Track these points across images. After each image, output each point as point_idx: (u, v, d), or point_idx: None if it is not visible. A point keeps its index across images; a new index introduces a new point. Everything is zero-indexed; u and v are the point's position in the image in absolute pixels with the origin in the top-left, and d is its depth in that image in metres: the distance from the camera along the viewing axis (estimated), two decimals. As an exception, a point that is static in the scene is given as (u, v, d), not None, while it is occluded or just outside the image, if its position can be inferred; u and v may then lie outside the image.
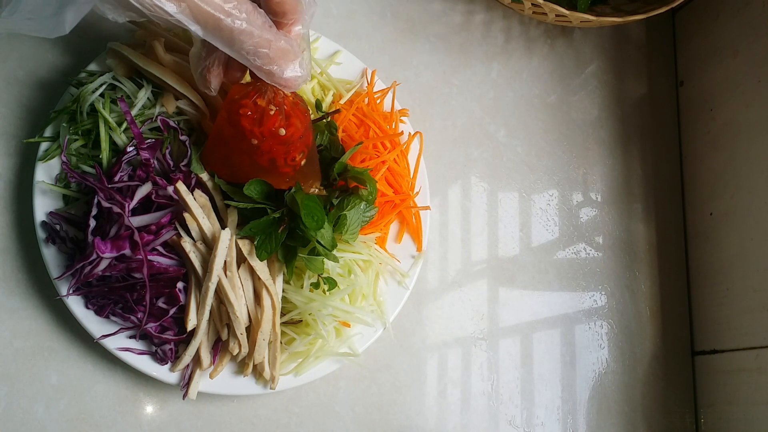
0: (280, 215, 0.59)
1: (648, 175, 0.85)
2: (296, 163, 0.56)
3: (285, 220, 0.59)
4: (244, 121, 0.54)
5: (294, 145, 0.55)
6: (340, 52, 0.72)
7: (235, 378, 0.62)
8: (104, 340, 0.59)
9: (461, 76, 0.81)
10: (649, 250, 0.83)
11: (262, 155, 0.55)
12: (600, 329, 0.78)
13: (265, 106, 0.54)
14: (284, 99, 0.55)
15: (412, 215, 0.69)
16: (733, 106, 0.79)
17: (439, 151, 0.78)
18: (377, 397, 0.70)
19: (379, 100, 0.71)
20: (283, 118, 0.54)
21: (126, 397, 0.64)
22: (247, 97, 0.54)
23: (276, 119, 0.54)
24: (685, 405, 0.79)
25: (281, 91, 0.54)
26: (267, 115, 0.54)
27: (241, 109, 0.54)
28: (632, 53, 0.89)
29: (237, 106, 0.54)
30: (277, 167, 0.56)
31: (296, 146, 0.56)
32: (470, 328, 0.74)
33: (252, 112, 0.54)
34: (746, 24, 0.78)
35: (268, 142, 0.54)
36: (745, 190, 0.76)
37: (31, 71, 0.68)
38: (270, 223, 0.59)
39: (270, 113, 0.54)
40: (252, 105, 0.54)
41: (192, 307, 0.59)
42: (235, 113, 0.54)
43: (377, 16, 0.80)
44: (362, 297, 0.64)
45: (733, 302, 0.75)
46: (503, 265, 0.77)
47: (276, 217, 0.59)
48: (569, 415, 0.75)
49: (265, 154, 0.55)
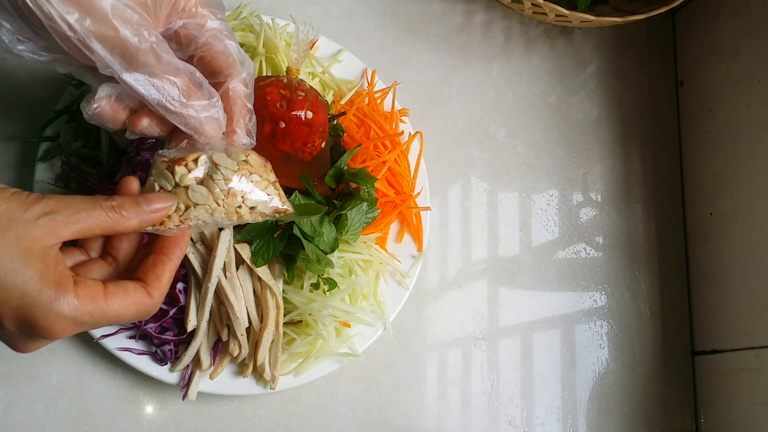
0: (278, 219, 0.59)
1: (648, 175, 0.85)
2: (316, 147, 0.59)
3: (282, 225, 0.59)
4: (271, 106, 0.56)
5: (316, 128, 0.58)
6: (343, 52, 0.72)
7: (235, 378, 0.62)
8: (104, 340, 0.59)
9: (461, 76, 0.81)
10: (649, 250, 0.83)
11: (284, 139, 0.57)
12: (600, 329, 0.78)
13: (293, 92, 0.57)
14: (309, 89, 0.58)
15: (413, 215, 0.69)
16: (733, 106, 0.79)
17: (439, 151, 0.78)
18: (377, 397, 0.70)
19: (379, 100, 0.71)
20: (310, 104, 0.57)
21: (126, 397, 0.64)
22: (271, 86, 0.57)
23: (304, 103, 0.57)
24: (685, 405, 0.79)
25: (305, 81, 0.59)
26: (295, 100, 0.57)
27: (268, 96, 0.56)
28: (632, 53, 0.89)
29: (262, 93, 0.57)
30: (296, 152, 0.58)
31: (317, 130, 0.59)
32: (470, 328, 0.74)
33: (279, 97, 0.57)
34: (746, 24, 0.78)
35: (294, 124, 0.57)
36: (745, 190, 0.76)
37: (31, 71, 0.68)
38: (267, 227, 0.59)
39: (298, 98, 0.57)
40: (278, 92, 0.57)
41: (192, 307, 0.59)
42: (261, 99, 0.56)
43: (377, 16, 0.80)
44: (362, 297, 0.64)
45: (733, 302, 0.76)
46: (503, 265, 0.77)
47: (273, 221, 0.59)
48: (569, 415, 0.75)
49: (288, 138, 0.57)
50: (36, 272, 0.38)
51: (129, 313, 0.42)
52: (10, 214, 0.38)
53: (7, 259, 0.37)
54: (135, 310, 0.42)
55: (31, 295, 0.38)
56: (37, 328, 0.39)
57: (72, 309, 0.39)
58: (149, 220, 0.43)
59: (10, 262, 0.37)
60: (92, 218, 0.41)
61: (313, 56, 0.70)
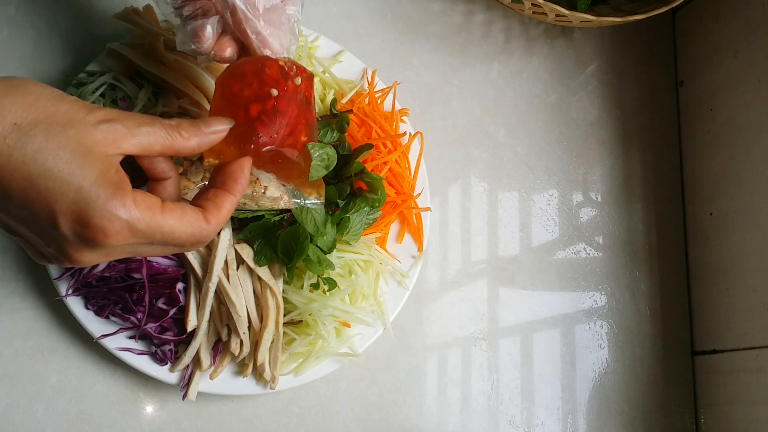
0: (280, 219, 0.59)
1: (648, 175, 0.85)
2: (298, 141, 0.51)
3: (284, 225, 0.59)
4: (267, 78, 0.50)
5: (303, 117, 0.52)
6: (344, 52, 0.72)
7: (235, 378, 0.62)
8: (104, 340, 0.59)
9: (461, 75, 0.81)
10: (649, 250, 0.83)
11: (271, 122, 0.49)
12: (600, 329, 0.78)
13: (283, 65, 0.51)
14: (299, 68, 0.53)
15: (413, 215, 0.69)
16: (733, 106, 0.79)
17: (439, 151, 0.78)
18: (377, 397, 0.70)
19: (379, 100, 0.71)
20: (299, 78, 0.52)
21: (126, 397, 0.64)
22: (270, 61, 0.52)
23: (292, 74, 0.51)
24: (685, 405, 0.79)
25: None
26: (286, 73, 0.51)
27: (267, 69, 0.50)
28: (632, 53, 0.89)
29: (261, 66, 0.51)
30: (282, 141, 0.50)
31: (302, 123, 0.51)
32: (470, 328, 0.74)
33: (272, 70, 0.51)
34: (746, 24, 0.78)
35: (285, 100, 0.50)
36: (745, 190, 0.76)
37: (32, 71, 0.68)
38: (269, 227, 0.59)
39: (290, 72, 0.51)
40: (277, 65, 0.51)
41: (192, 307, 0.59)
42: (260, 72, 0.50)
43: (377, 16, 0.80)
44: (363, 297, 0.64)
45: (733, 302, 0.76)
46: (503, 265, 0.77)
47: (276, 220, 0.59)
48: (569, 415, 0.75)
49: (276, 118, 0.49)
50: (95, 171, 0.38)
51: (184, 232, 0.41)
52: (72, 114, 0.38)
53: (66, 152, 0.37)
54: (190, 230, 0.42)
55: (88, 190, 0.37)
56: (91, 228, 0.37)
57: (128, 212, 0.38)
58: (208, 141, 0.44)
59: (69, 155, 0.37)
60: (152, 134, 0.41)
61: (314, 56, 0.70)
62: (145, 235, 0.39)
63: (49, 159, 0.37)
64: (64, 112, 0.38)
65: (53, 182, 0.37)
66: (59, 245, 0.39)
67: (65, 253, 0.39)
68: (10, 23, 0.70)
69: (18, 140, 0.36)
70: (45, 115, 0.37)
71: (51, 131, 0.37)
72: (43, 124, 0.37)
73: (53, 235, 0.38)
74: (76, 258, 0.40)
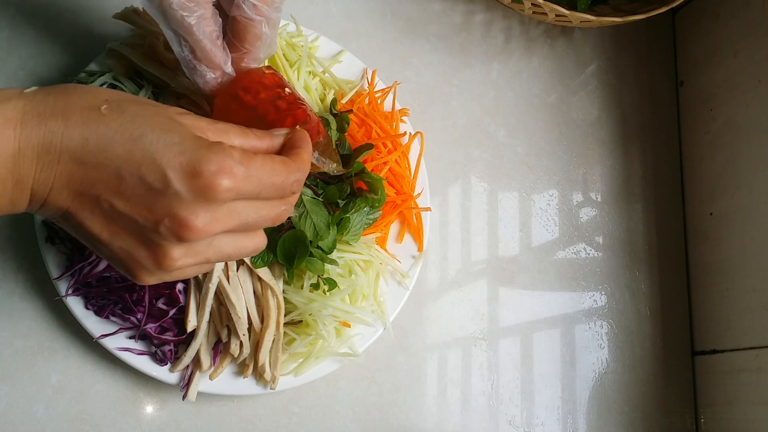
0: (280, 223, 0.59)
1: (648, 175, 0.85)
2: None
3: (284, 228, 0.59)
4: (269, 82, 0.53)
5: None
6: (344, 52, 0.72)
7: (235, 378, 0.62)
8: (104, 340, 0.59)
9: (461, 75, 0.81)
10: (649, 250, 0.83)
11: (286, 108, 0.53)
12: (600, 329, 0.78)
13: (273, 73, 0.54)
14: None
15: (413, 216, 0.69)
16: (733, 106, 0.79)
17: (439, 151, 0.78)
18: (377, 397, 0.70)
19: (379, 100, 0.71)
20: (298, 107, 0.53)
21: (126, 397, 0.64)
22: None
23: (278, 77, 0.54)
24: (685, 405, 0.79)
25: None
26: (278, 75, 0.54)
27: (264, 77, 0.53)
28: (632, 53, 0.89)
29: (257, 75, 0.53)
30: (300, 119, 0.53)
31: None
32: (470, 328, 0.74)
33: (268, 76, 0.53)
34: (746, 24, 0.78)
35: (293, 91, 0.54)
36: (745, 190, 0.76)
37: (31, 71, 0.68)
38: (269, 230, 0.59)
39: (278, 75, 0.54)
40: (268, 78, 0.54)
41: (192, 308, 0.59)
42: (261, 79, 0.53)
43: (377, 16, 0.80)
44: (362, 297, 0.64)
45: (733, 302, 0.76)
46: (503, 265, 0.77)
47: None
48: (569, 415, 0.75)
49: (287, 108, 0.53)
50: (188, 131, 0.40)
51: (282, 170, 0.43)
52: (157, 106, 0.42)
53: (160, 117, 0.40)
54: (286, 170, 0.43)
55: (189, 141, 0.39)
56: (203, 175, 0.38)
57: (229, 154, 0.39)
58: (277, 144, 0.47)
59: (163, 118, 0.40)
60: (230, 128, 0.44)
61: (314, 56, 0.70)
62: (251, 178, 0.40)
63: (147, 120, 0.39)
64: (150, 103, 0.42)
65: (156, 137, 0.38)
66: (173, 212, 0.38)
67: (180, 221, 0.38)
68: (10, 23, 0.70)
69: (112, 110, 0.39)
70: (132, 97, 0.41)
71: (141, 103, 0.41)
72: (133, 101, 0.40)
73: (165, 202, 0.39)
74: (192, 222, 0.39)
